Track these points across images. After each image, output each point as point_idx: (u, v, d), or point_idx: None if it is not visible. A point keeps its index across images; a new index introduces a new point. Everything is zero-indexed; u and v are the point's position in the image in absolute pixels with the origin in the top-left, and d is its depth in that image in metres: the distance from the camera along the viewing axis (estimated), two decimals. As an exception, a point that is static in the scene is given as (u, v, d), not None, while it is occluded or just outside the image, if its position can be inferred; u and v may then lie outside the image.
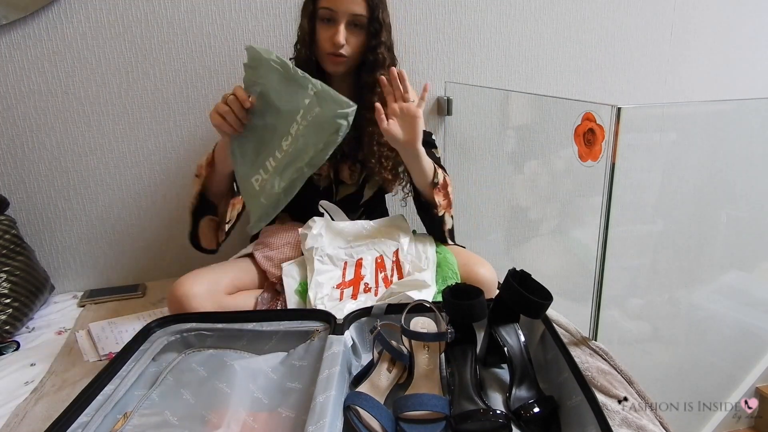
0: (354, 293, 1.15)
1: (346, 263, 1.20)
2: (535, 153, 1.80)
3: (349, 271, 1.19)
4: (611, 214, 1.07)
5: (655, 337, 1.99)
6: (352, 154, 1.29)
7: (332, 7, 1.12)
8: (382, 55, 1.18)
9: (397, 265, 1.21)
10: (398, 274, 1.20)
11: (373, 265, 1.21)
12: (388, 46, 1.20)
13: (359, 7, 1.12)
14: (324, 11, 1.13)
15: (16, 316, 1.27)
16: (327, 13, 1.13)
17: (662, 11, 1.89)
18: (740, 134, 1.83)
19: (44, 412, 0.95)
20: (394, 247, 1.24)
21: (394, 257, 1.23)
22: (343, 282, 1.17)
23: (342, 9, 1.12)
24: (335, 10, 1.12)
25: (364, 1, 1.12)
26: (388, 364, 0.92)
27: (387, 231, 1.27)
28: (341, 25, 1.12)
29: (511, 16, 1.72)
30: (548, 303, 0.90)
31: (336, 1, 1.12)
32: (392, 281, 1.18)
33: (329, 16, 1.13)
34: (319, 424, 0.71)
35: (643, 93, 1.96)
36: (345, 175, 1.30)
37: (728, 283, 2.06)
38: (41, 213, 1.49)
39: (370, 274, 1.19)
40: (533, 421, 0.81)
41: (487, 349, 0.97)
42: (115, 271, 1.59)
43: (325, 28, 1.15)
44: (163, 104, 1.49)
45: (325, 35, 1.15)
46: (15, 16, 1.32)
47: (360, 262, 1.21)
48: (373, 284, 1.17)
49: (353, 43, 1.16)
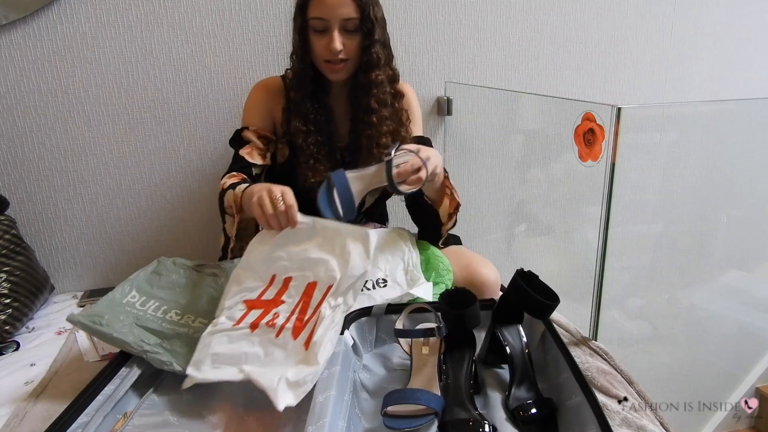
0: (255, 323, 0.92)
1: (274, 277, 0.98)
2: (535, 153, 1.80)
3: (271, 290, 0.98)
4: (611, 214, 1.07)
5: (655, 337, 1.99)
6: (353, 160, 1.26)
7: (322, 15, 1.09)
8: (376, 54, 1.15)
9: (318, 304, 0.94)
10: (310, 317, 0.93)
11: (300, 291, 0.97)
12: (383, 42, 1.17)
13: (349, 9, 1.09)
14: (315, 21, 1.10)
15: (16, 316, 1.27)
16: (318, 23, 1.10)
17: (662, 11, 1.89)
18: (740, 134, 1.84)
19: (44, 412, 0.95)
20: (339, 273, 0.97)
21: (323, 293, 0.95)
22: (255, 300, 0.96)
23: (332, 15, 1.09)
24: (325, 18, 1.09)
25: (353, 4, 1.09)
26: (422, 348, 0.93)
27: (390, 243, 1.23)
28: (335, 32, 1.09)
29: (511, 16, 1.72)
30: (555, 304, 0.90)
31: (325, 9, 1.08)
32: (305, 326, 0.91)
33: (321, 26, 1.10)
34: (319, 424, 0.71)
35: (643, 93, 1.96)
36: None
37: (728, 283, 2.06)
38: (41, 213, 1.49)
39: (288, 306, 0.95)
40: (530, 422, 0.81)
41: (489, 348, 0.97)
42: (115, 271, 1.59)
43: (318, 38, 1.12)
44: (163, 104, 1.49)
45: (320, 44, 1.12)
46: (15, 16, 1.32)
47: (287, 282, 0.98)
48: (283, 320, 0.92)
49: (350, 47, 1.13)
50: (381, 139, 1.20)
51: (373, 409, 0.86)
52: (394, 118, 1.23)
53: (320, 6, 1.08)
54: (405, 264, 1.21)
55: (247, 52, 1.51)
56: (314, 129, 1.20)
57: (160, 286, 1.03)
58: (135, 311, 0.97)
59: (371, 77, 1.16)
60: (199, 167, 1.57)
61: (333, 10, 1.08)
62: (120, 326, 0.93)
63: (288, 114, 1.22)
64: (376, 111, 1.19)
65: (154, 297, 1.01)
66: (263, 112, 1.23)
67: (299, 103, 1.19)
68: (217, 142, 1.55)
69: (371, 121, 1.19)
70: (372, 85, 1.17)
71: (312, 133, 1.19)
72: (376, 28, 1.12)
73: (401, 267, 1.20)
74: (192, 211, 1.60)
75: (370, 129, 1.20)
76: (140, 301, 0.99)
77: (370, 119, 1.19)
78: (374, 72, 1.16)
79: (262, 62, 1.53)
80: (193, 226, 1.61)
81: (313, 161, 1.20)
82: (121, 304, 0.97)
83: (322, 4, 1.08)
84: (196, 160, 1.56)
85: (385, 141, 1.20)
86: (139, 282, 1.03)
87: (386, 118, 1.20)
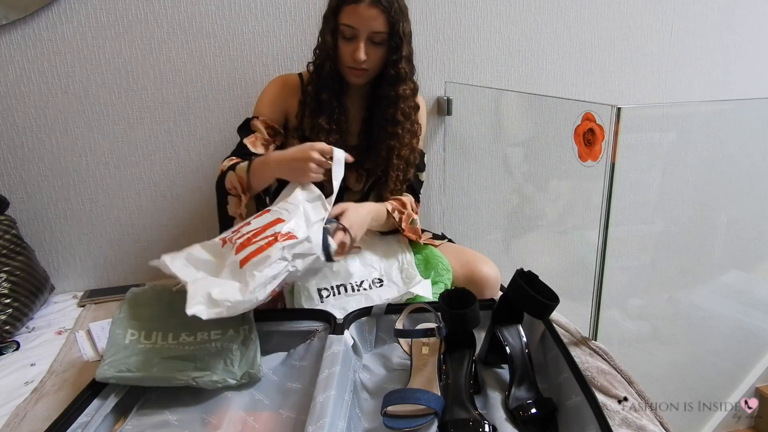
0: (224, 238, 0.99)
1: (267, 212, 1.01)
2: (535, 153, 1.80)
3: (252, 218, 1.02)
4: (611, 214, 1.07)
5: (655, 337, 1.99)
6: (362, 162, 1.28)
7: (353, 24, 1.12)
8: (403, 69, 1.19)
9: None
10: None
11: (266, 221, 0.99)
12: (408, 57, 1.20)
13: (379, 24, 1.12)
14: (345, 28, 1.13)
15: (16, 316, 1.27)
16: (347, 30, 1.13)
17: (662, 11, 1.89)
18: (740, 134, 1.83)
19: (44, 412, 0.95)
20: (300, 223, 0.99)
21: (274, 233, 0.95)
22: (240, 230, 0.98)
23: (362, 26, 1.11)
24: (356, 27, 1.12)
25: (384, 18, 1.12)
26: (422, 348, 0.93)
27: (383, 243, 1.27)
28: (361, 42, 1.13)
29: (511, 16, 1.72)
30: (555, 304, 0.90)
31: (357, 19, 1.11)
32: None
33: (350, 34, 1.13)
34: (319, 424, 0.71)
35: (643, 93, 1.96)
36: (351, 182, 1.30)
37: (728, 283, 2.06)
38: (41, 213, 1.49)
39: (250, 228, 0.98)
40: (530, 422, 0.81)
41: (489, 347, 0.97)
42: (115, 271, 1.59)
43: (346, 44, 1.15)
44: (163, 104, 1.49)
45: (346, 50, 1.15)
46: (15, 16, 1.32)
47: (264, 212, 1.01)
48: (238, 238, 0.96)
49: (373, 57, 1.16)
50: (402, 151, 1.25)
51: (373, 409, 0.86)
52: (411, 130, 1.27)
53: (353, 15, 1.11)
54: (399, 263, 1.22)
55: (247, 52, 1.51)
56: (335, 128, 1.23)
57: (151, 317, 0.99)
58: (149, 347, 0.93)
59: (399, 91, 1.20)
60: (199, 167, 1.57)
61: (364, 21, 1.11)
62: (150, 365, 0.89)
63: (304, 109, 1.24)
64: (402, 123, 1.23)
65: (153, 329, 0.97)
66: (277, 105, 1.26)
67: (325, 102, 1.21)
68: (217, 143, 1.55)
69: (396, 133, 1.23)
70: (399, 99, 1.21)
71: (333, 132, 1.22)
72: (403, 44, 1.16)
73: (396, 266, 1.21)
74: (192, 211, 1.60)
75: (393, 140, 1.24)
76: (143, 335, 0.95)
77: (396, 130, 1.23)
78: (401, 86, 1.20)
79: (262, 62, 1.53)
80: (193, 226, 1.61)
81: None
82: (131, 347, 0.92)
83: (354, 14, 1.11)
84: (196, 160, 1.56)
85: (404, 153, 1.26)
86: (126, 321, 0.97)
87: (408, 131, 1.25)
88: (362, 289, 1.15)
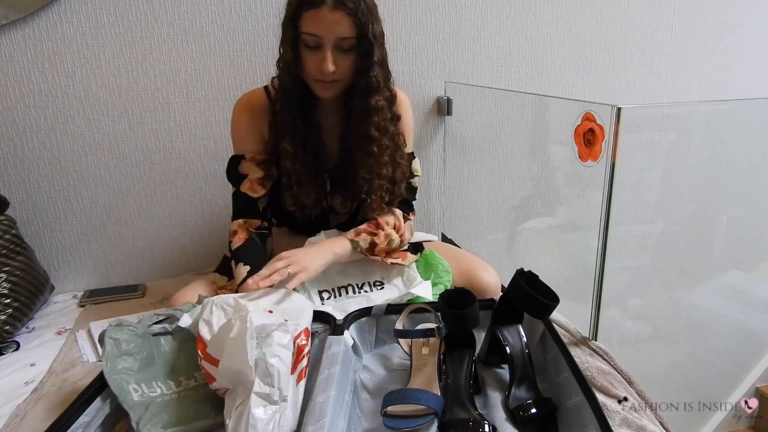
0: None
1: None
2: (535, 153, 1.80)
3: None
4: (611, 214, 1.07)
5: (655, 337, 1.99)
6: (343, 184, 1.19)
7: (315, 32, 0.98)
8: (375, 78, 1.05)
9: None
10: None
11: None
12: (381, 62, 1.07)
13: (345, 28, 0.98)
14: (307, 37, 0.99)
15: (16, 316, 1.27)
16: (311, 39, 0.99)
17: (662, 11, 1.89)
18: (740, 134, 1.83)
19: (44, 412, 0.95)
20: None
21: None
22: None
23: (327, 33, 0.98)
24: (319, 35, 0.98)
25: (350, 21, 0.98)
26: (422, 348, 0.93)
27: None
28: (328, 51, 0.99)
29: (511, 16, 1.72)
30: (555, 304, 0.90)
31: (319, 26, 0.98)
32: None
33: (313, 43, 1.00)
34: (319, 424, 0.71)
35: (643, 93, 1.96)
36: (337, 205, 1.23)
37: (728, 283, 2.06)
38: (41, 213, 1.49)
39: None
40: (530, 422, 0.81)
41: (489, 348, 0.97)
42: (115, 271, 1.59)
43: (310, 54, 1.01)
44: (163, 104, 1.49)
45: (311, 61, 1.02)
46: (15, 16, 1.32)
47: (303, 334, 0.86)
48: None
49: (343, 66, 1.03)
50: (383, 170, 1.13)
51: (373, 409, 0.87)
52: (391, 144, 1.15)
53: (314, 22, 0.98)
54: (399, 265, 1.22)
55: (247, 52, 1.51)
56: (301, 151, 1.12)
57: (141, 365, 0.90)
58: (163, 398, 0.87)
59: (371, 103, 1.07)
60: (199, 167, 1.57)
61: (328, 27, 0.98)
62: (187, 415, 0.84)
63: (274, 130, 1.13)
64: (377, 140, 1.10)
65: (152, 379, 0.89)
66: (254, 135, 1.15)
67: (288, 122, 1.10)
68: (217, 142, 1.55)
69: (371, 151, 1.11)
70: (372, 112, 1.08)
71: (299, 157, 1.11)
72: (374, 48, 1.02)
73: (396, 269, 1.21)
74: (192, 211, 1.60)
75: (369, 158, 1.12)
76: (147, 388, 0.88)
77: (370, 149, 1.11)
78: (374, 97, 1.07)
79: (262, 62, 1.53)
80: (192, 226, 1.61)
81: (297, 187, 1.13)
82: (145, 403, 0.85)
83: (316, 20, 0.98)
84: (196, 160, 1.56)
85: (385, 172, 1.13)
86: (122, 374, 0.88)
87: (386, 147, 1.13)
88: (363, 291, 1.15)
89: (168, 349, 0.94)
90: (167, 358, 0.93)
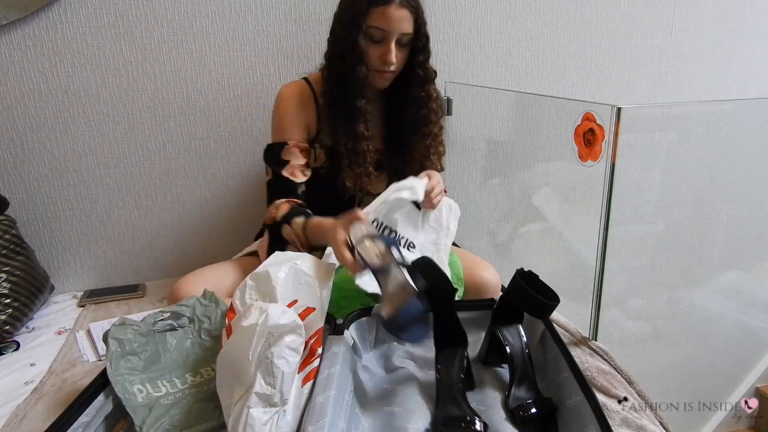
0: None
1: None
2: (535, 153, 1.80)
3: None
4: (611, 214, 1.07)
5: (655, 337, 1.99)
6: (387, 164, 1.29)
7: (383, 26, 1.11)
8: (430, 69, 1.21)
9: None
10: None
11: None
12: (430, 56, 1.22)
13: (408, 25, 1.12)
14: (374, 30, 1.12)
15: (16, 316, 1.27)
16: (377, 33, 1.12)
17: (662, 11, 1.89)
18: (740, 134, 1.83)
19: (44, 412, 0.95)
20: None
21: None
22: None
23: (393, 28, 1.11)
24: (386, 29, 1.11)
25: (412, 19, 1.12)
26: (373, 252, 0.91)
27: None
28: (392, 44, 1.12)
29: (511, 16, 1.72)
30: (555, 304, 0.90)
31: (387, 21, 1.10)
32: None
33: (379, 36, 1.12)
34: (319, 424, 0.71)
35: (643, 93, 1.96)
36: (375, 187, 1.26)
37: (728, 283, 2.06)
38: (41, 213, 1.49)
39: None
40: (530, 422, 0.81)
41: (489, 348, 0.97)
42: (115, 271, 1.59)
43: (374, 47, 1.13)
44: (163, 104, 1.49)
45: (374, 53, 1.14)
46: (15, 16, 1.32)
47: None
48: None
49: (400, 59, 1.16)
50: (439, 148, 1.28)
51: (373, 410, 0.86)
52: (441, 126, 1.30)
53: (383, 17, 1.10)
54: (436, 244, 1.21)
55: (247, 52, 1.51)
56: (370, 134, 1.22)
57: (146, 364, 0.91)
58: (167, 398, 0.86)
59: (429, 91, 1.22)
60: (199, 167, 1.57)
61: (394, 23, 1.10)
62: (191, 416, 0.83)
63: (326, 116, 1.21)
64: (435, 122, 1.26)
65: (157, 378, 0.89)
66: (300, 123, 1.22)
67: (360, 108, 1.18)
68: (217, 143, 1.55)
69: (431, 132, 1.25)
70: (430, 99, 1.23)
71: (356, 139, 1.20)
72: (428, 44, 1.18)
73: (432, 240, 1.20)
74: (192, 211, 1.60)
75: (428, 139, 1.26)
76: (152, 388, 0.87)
77: (431, 130, 1.25)
78: (430, 86, 1.23)
79: (262, 62, 1.53)
80: (192, 226, 1.61)
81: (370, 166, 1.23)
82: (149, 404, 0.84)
83: (384, 16, 1.10)
84: (196, 160, 1.56)
85: (441, 150, 1.29)
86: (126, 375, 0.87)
87: (441, 128, 1.29)
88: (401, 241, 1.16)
89: (173, 345, 0.95)
90: (173, 354, 0.94)
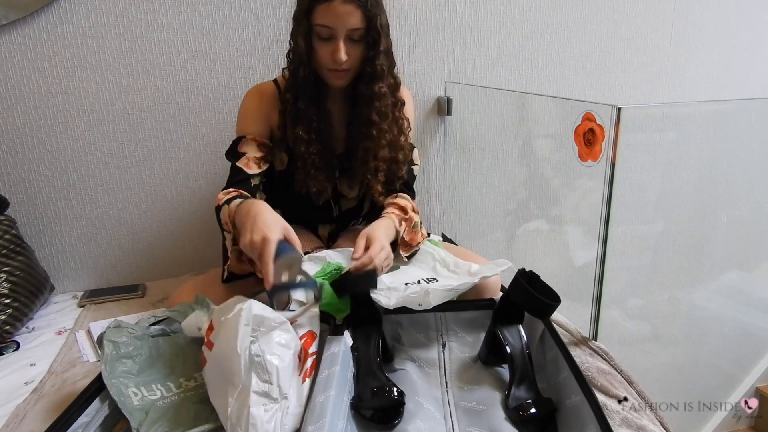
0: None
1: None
2: (535, 153, 1.80)
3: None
4: (611, 214, 1.07)
5: (655, 337, 1.99)
6: (349, 168, 1.23)
7: (329, 24, 1.05)
8: (380, 66, 1.12)
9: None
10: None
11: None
12: (387, 51, 1.14)
13: (356, 20, 1.05)
14: (320, 28, 1.07)
15: (16, 316, 1.27)
16: (324, 31, 1.07)
17: (662, 11, 1.89)
18: (740, 134, 1.83)
19: (44, 412, 0.95)
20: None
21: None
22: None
23: (339, 24, 1.05)
24: (332, 26, 1.06)
25: (361, 13, 1.05)
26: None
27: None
28: (340, 41, 1.07)
29: (511, 16, 1.72)
30: (557, 304, 0.90)
31: (332, 17, 1.05)
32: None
33: (326, 34, 1.07)
34: (319, 424, 0.71)
35: (643, 93, 1.96)
36: (345, 189, 1.27)
37: (728, 283, 2.06)
38: (41, 213, 1.49)
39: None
40: (530, 422, 0.81)
41: (489, 347, 0.97)
42: (115, 271, 1.59)
43: (322, 45, 1.09)
44: (163, 104, 1.49)
45: (324, 51, 1.09)
46: (15, 16, 1.32)
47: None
48: None
49: (354, 56, 1.10)
50: (379, 152, 1.19)
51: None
52: (393, 128, 1.21)
53: (328, 14, 1.05)
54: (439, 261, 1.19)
55: (247, 52, 1.51)
56: (315, 137, 1.17)
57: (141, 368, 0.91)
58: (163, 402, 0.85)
59: (374, 89, 1.14)
60: (199, 167, 1.57)
61: (341, 19, 1.05)
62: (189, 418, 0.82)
63: (285, 118, 1.18)
64: (376, 124, 1.17)
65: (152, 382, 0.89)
66: (260, 119, 1.20)
67: (303, 110, 1.15)
68: (217, 143, 1.55)
69: (370, 134, 1.17)
70: (374, 98, 1.15)
71: (313, 142, 1.17)
72: (381, 38, 1.10)
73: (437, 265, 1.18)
74: (192, 211, 1.60)
75: (368, 141, 1.18)
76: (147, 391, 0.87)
77: (369, 132, 1.17)
78: (377, 84, 1.14)
79: (262, 62, 1.53)
80: (193, 226, 1.61)
81: (314, 170, 1.18)
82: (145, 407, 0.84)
83: (329, 12, 1.05)
84: (196, 160, 1.56)
85: (382, 154, 1.19)
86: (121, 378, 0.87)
87: (386, 131, 1.18)
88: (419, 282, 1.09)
89: (167, 351, 0.94)
90: (166, 359, 0.93)
